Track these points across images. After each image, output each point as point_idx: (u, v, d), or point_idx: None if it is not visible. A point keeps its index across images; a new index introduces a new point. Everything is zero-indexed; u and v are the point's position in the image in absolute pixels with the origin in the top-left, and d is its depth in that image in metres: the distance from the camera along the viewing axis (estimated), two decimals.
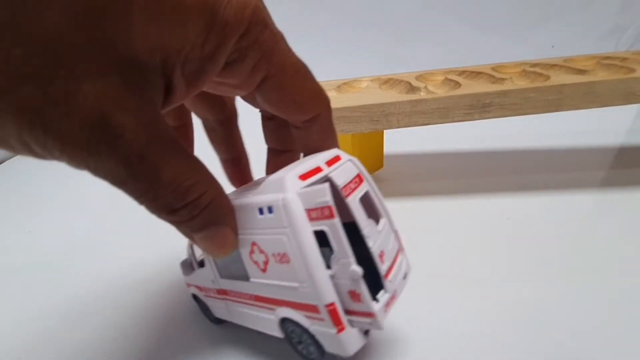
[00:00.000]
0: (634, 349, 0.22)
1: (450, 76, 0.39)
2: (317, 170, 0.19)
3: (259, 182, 0.20)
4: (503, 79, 0.36)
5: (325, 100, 0.21)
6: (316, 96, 0.20)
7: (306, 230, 0.17)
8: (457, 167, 0.46)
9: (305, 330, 0.19)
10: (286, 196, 0.17)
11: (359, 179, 0.20)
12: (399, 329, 0.24)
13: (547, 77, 0.35)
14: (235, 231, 0.19)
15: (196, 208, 0.17)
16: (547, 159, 0.45)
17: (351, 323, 0.18)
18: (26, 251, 0.38)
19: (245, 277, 0.21)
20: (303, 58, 0.20)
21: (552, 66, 0.39)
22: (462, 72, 0.40)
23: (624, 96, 0.34)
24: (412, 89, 0.37)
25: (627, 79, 0.34)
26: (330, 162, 0.19)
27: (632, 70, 0.35)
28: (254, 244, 0.19)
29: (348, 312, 0.18)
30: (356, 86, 0.41)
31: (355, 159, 0.21)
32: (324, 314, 0.18)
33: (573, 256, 0.30)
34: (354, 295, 0.17)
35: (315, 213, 0.17)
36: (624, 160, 0.44)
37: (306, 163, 0.19)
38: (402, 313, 0.22)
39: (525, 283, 0.27)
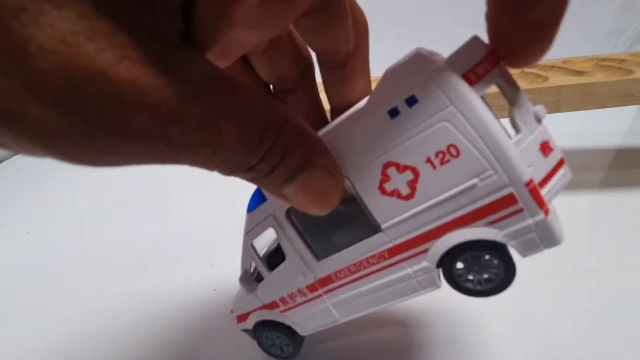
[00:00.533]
0: (625, 349, 0.22)
1: None
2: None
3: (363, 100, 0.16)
4: None
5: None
6: (364, 16, 0.17)
7: (477, 98, 0.13)
8: None
9: (487, 248, 0.15)
10: (434, 69, 0.13)
11: None
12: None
13: (546, 79, 0.35)
14: (333, 170, 0.15)
15: (274, 156, 0.13)
16: None
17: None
18: (24, 251, 0.39)
19: (370, 231, 0.17)
20: None
21: (551, 67, 0.39)
22: None
23: (622, 97, 0.34)
24: None
25: (625, 80, 0.34)
26: None
27: (630, 72, 0.35)
28: (388, 165, 0.15)
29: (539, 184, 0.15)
30: None
31: None
32: (524, 199, 0.14)
33: (571, 256, 0.30)
34: (545, 148, 0.15)
35: (478, 71, 0.14)
36: (622, 161, 0.44)
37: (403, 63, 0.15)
38: (400, 314, 0.22)
39: (522, 283, 0.28)
